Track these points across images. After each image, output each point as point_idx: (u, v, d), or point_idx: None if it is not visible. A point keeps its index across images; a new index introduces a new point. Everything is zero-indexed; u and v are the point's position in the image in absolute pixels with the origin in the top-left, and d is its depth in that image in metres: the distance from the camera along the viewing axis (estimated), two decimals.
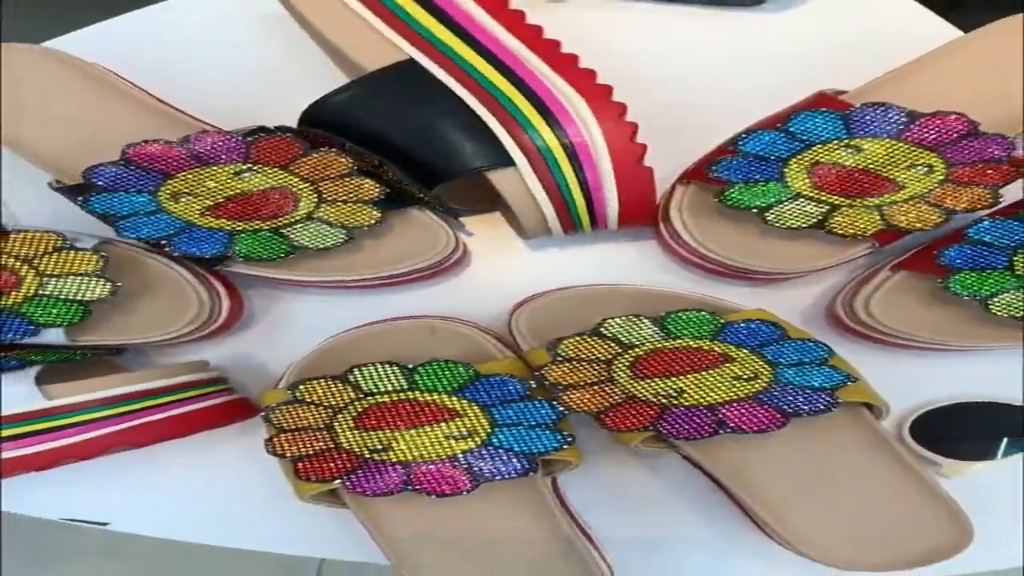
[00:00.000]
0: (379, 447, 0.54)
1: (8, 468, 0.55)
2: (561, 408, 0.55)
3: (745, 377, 0.54)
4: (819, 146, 0.56)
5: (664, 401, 0.54)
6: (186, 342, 0.61)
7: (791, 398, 0.53)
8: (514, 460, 0.54)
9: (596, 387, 0.55)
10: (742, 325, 0.55)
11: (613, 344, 0.56)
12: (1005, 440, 0.60)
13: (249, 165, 0.58)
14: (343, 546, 0.63)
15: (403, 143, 0.60)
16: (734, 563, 0.63)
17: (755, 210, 0.57)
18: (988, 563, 0.60)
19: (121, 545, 1.19)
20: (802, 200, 0.56)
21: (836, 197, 0.56)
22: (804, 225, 0.56)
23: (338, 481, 0.54)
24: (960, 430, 0.61)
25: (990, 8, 0.62)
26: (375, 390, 0.55)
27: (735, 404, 0.53)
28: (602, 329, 0.56)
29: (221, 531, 0.65)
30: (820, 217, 0.56)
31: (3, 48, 0.63)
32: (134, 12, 0.71)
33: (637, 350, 0.55)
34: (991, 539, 0.58)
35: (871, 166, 0.56)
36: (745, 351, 0.55)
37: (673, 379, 0.54)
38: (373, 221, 0.59)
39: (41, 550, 1.19)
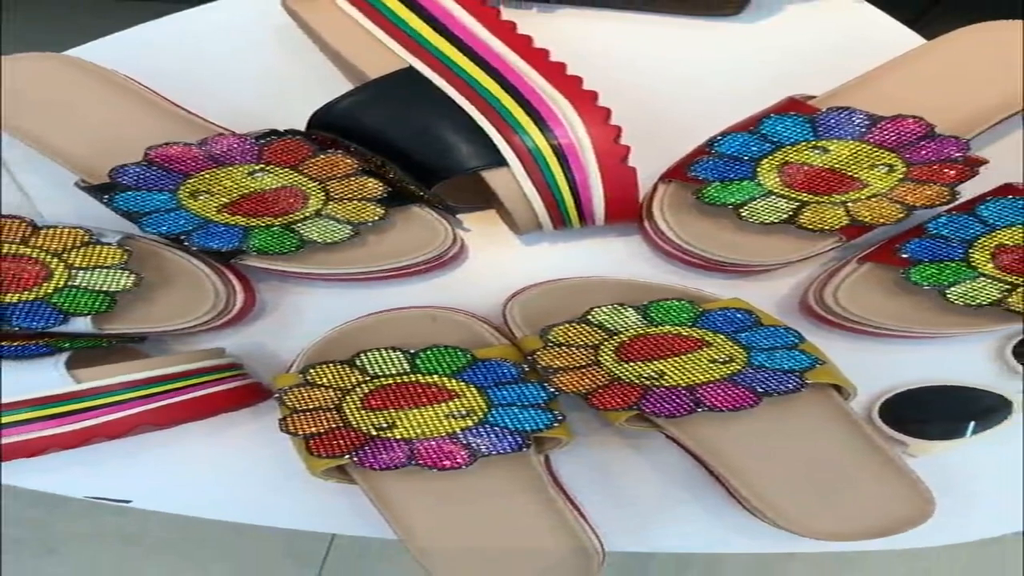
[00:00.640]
0: (384, 425, 0.56)
1: (40, 447, 0.56)
2: (552, 389, 0.57)
3: (721, 360, 0.56)
4: (788, 147, 0.59)
5: (646, 383, 0.56)
6: (203, 331, 0.63)
7: (763, 379, 0.55)
8: (509, 437, 0.56)
9: (584, 370, 0.57)
10: (719, 313, 0.58)
11: (600, 331, 0.58)
12: (964, 421, 0.62)
13: (262, 166, 0.60)
14: (350, 521, 0.64)
15: (404, 145, 0.62)
16: (715, 535, 0.64)
17: (730, 207, 0.59)
18: (951, 536, 0.62)
19: (135, 532, 1.20)
20: (773, 197, 0.59)
21: (804, 194, 0.59)
22: (775, 220, 0.59)
23: (347, 457, 0.55)
24: (925, 412, 0.63)
25: (956, 19, 0.64)
26: (380, 373, 0.57)
27: (711, 385, 0.55)
28: (589, 317, 0.58)
29: (236, 508, 0.66)
30: (790, 213, 0.59)
31: (29, 57, 0.65)
32: (151, 22, 0.72)
33: (622, 336, 0.57)
34: (954, 514, 0.60)
35: (837, 166, 0.58)
36: (721, 337, 0.57)
37: (654, 362, 0.56)
38: (377, 217, 0.61)
39: (56, 538, 1.21)
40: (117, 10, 0.86)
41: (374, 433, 0.56)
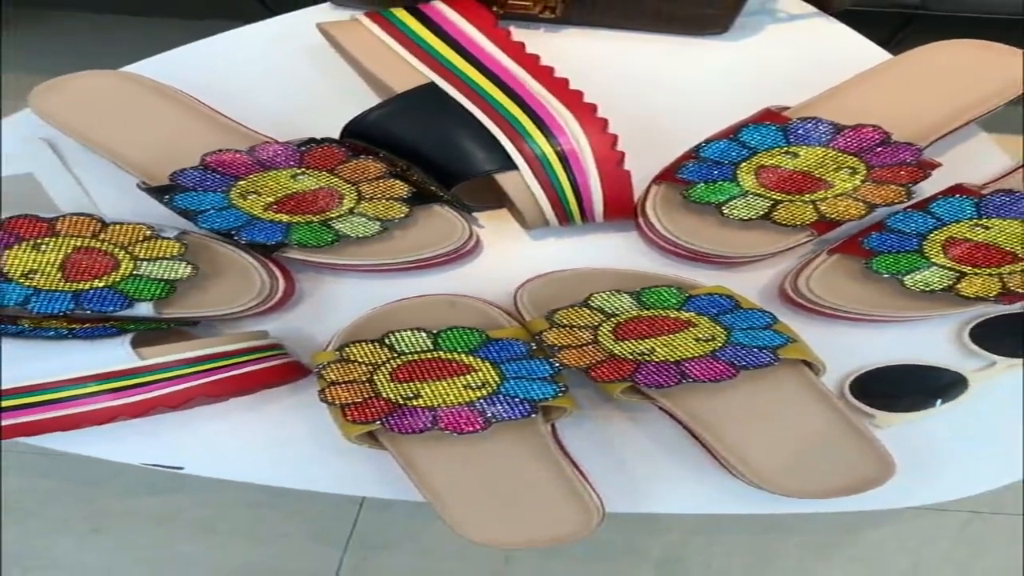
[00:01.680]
0: (410, 395, 0.60)
1: (109, 416, 0.60)
2: (557, 364, 0.61)
3: (704, 339, 0.61)
4: (763, 152, 0.64)
5: (639, 358, 0.60)
6: (249, 316, 0.67)
7: (741, 355, 0.60)
8: (519, 405, 0.59)
9: (585, 347, 0.61)
10: (703, 298, 0.63)
11: (599, 313, 0.62)
12: (926, 396, 0.66)
13: (303, 169, 0.65)
14: (376, 487, 0.66)
15: (426, 151, 0.66)
16: (703, 497, 0.66)
17: (714, 205, 0.64)
18: (911, 499, 0.66)
19: (170, 513, 1.23)
20: (751, 196, 0.64)
21: (778, 194, 0.64)
22: (753, 217, 0.64)
23: (378, 423, 0.59)
24: (891, 388, 0.67)
25: (927, 37, 0.69)
26: (407, 350, 0.61)
27: (695, 360, 0.60)
28: (590, 302, 0.63)
29: (275, 474, 0.67)
30: (766, 210, 0.64)
31: (96, 74, 0.70)
32: (200, 41, 0.77)
33: (618, 318, 0.62)
34: (916, 479, 0.64)
35: (806, 169, 0.64)
36: (705, 318, 0.62)
37: (646, 340, 0.61)
38: (402, 215, 0.65)
39: (100, 517, 1.24)
40: (162, 28, 0.91)
41: (401, 402, 0.60)
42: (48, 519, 1.25)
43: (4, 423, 0.61)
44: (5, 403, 0.61)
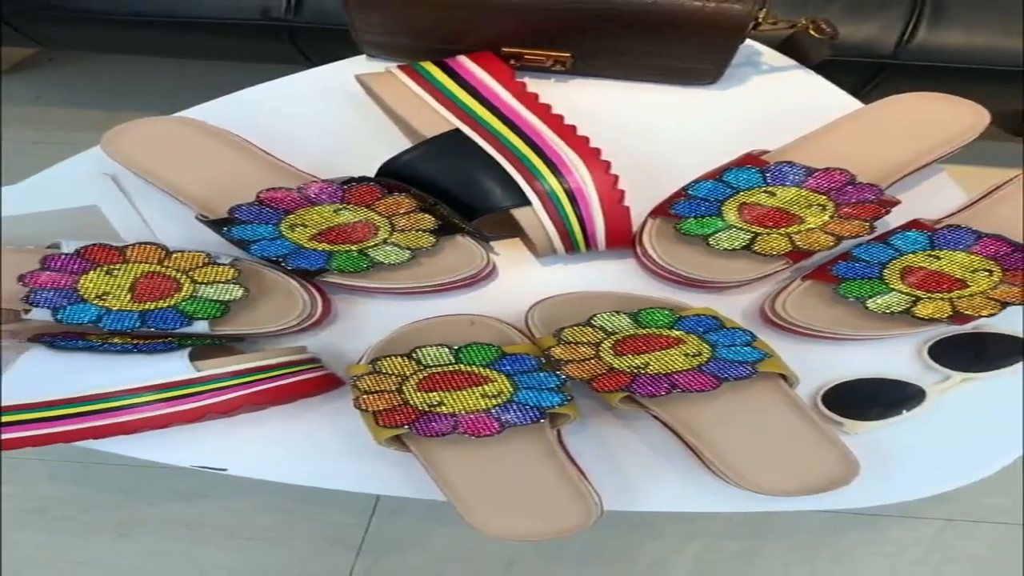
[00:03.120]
0: (435, 403, 0.63)
1: (167, 421, 0.64)
2: (563, 376, 0.64)
3: (692, 354, 0.65)
4: (745, 191, 0.70)
5: (635, 371, 0.64)
6: (291, 333, 0.71)
7: (723, 368, 0.64)
8: (529, 412, 0.63)
9: (587, 362, 0.65)
10: (692, 318, 0.68)
11: (600, 331, 0.67)
12: (890, 407, 0.70)
13: (344, 205, 0.70)
14: (397, 486, 0.69)
15: (451, 189, 0.70)
16: (690, 496, 0.68)
17: (702, 237, 0.70)
18: (874, 499, 0.68)
19: (195, 520, 1.27)
20: (734, 230, 0.70)
21: (758, 228, 0.70)
22: (736, 247, 0.70)
23: (406, 427, 0.62)
24: (859, 399, 0.70)
25: (899, 84, 0.76)
26: (432, 364, 0.65)
27: (684, 373, 0.64)
28: (592, 321, 0.67)
29: (311, 474, 0.69)
30: (747, 242, 0.70)
31: (160, 119, 0.76)
32: (252, 88, 0.83)
33: (617, 336, 0.66)
34: (877, 482, 0.68)
35: (782, 206, 0.70)
36: (693, 336, 0.67)
37: (641, 356, 0.65)
38: (429, 244, 0.70)
39: (127, 523, 1.27)
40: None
41: (427, 409, 0.63)
42: (79, 524, 1.29)
43: (73, 427, 0.65)
44: (74, 410, 0.65)
